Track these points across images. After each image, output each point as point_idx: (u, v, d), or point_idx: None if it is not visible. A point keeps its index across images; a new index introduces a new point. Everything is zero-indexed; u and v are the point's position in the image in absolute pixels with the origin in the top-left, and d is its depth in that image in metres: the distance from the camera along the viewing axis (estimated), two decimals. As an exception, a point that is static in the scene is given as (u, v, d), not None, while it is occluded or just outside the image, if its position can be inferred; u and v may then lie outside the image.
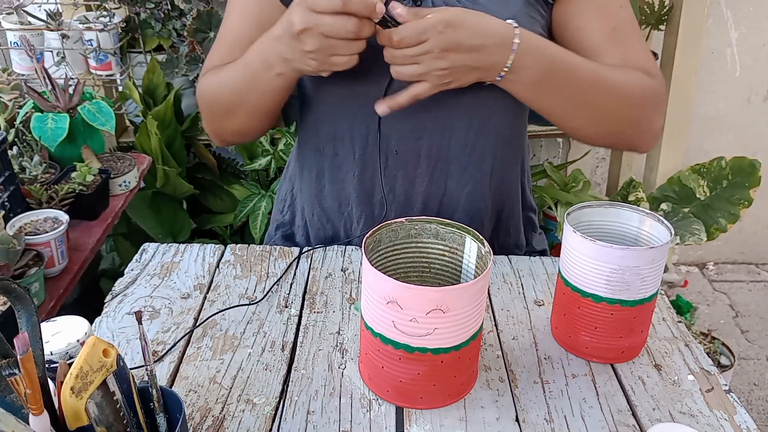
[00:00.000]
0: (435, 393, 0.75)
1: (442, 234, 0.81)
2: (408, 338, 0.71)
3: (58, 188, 1.42)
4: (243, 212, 1.94)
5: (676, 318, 0.92)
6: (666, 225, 0.81)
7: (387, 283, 0.69)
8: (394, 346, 0.72)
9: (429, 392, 0.75)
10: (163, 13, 1.90)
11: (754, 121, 2.56)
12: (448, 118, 0.98)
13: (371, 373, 0.77)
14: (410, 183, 1.02)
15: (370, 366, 0.77)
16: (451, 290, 0.68)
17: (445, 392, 0.76)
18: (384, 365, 0.74)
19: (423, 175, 1.02)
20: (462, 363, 0.74)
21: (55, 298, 1.24)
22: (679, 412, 0.76)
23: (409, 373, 0.73)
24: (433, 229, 0.81)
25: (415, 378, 0.73)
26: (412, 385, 0.74)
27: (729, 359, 2.00)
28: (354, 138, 1.02)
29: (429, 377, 0.73)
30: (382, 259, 0.81)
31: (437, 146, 1.00)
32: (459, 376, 0.75)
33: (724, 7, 2.36)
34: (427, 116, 0.98)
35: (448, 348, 0.72)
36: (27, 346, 0.52)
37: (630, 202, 1.92)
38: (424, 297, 0.68)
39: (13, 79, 1.75)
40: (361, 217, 1.06)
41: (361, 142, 1.01)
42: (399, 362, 0.73)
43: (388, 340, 0.72)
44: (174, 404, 0.62)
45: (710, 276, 2.75)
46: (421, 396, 0.75)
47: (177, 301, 0.94)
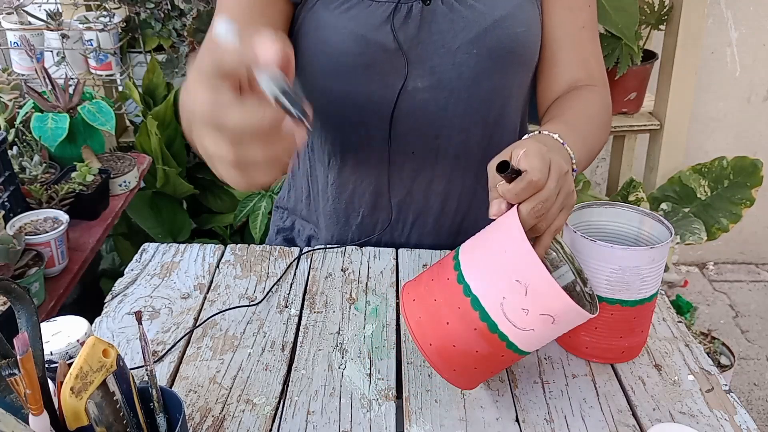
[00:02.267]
0: (469, 374, 0.72)
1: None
2: (503, 321, 0.67)
3: (58, 188, 1.42)
4: (243, 212, 1.94)
5: (676, 318, 0.92)
6: (666, 225, 0.81)
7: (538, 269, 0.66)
8: (481, 316, 0.68)
9: (466, 369, 0.71)
10: (163, 13, 1.90)
11: (754, 121, 2.56)
12: (465, 115, 0.98)
13: (428, 319, 0.71)
14: (428, 183, 1.02)
15: (431, 316, 0.71)
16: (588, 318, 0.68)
17: (470, 378, 0.73)
18: (451, 321, 0.69)
19: (442, 175, 1.02)
20: (501, 365, 0.72)
21: (55, 298, 1.24)
22: (679, 412, 0.76)
23: (469, 344, 0.69)
24: None
25: (468, 352, 0.70)
26: (460, 356, 0.70)
27: (729, 359, 2.00)
28: (370, 143, 1.00)
29: (482, 360, 0.70)
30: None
31: (455, 145, 1.00)
32: (488, 373, 0.74)
33: (724, 7, 2.36)
34: (444, 114, 0.97)
35: (521, 350, 0.70)
36: (27, 346, 0.52)
37: (630, 202, 1.92)
38: (556, 303, 0.66)
39: (13, 79, 1.75)
40: (378, 222, 1.06)
41: (377, 147, 1.00)
42: (472, 332, 0.69)
43: (480, 307, 0.68)
44: (174, 404, 0.62)
45: (710, 276, 2.75)
46: (455, 369, 0.72)
47: (177, 301, 0.94)
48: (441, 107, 0.97)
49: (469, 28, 0.93)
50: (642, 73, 1.97)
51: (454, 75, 0.95)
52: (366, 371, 0.82)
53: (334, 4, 0.93)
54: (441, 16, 0.93)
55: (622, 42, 1.85)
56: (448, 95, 0.96)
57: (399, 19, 0.92)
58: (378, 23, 0.92)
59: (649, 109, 2.07)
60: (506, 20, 0.93)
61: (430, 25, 0.93)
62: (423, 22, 0.93)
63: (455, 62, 0.94)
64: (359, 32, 0.91)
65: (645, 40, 1.98)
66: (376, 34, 0.92)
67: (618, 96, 1.98)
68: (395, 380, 0.80)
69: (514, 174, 0.68)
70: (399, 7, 0.92)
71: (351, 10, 0.92)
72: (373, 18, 0.92)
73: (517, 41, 0.95)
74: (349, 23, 0.92)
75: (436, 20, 0.93)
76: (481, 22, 0.93)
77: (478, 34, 0.93)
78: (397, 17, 0.92)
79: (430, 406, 0.77)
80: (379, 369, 0.82)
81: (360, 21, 0.92)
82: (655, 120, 2.02)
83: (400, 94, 0.95)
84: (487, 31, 0.93)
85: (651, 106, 2.07)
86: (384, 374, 0.81)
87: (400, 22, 0.92)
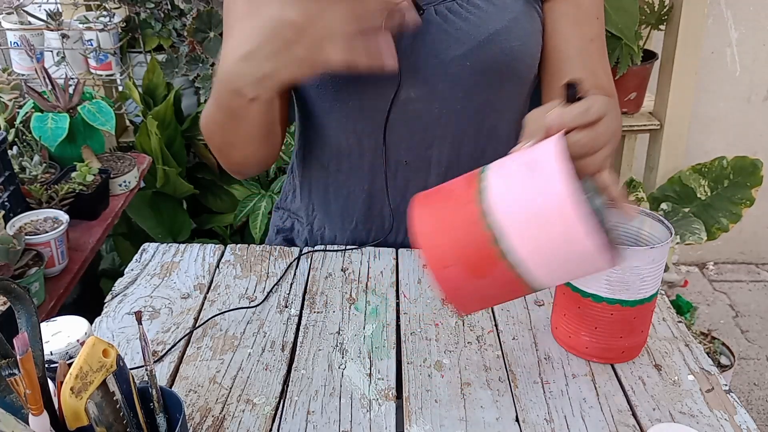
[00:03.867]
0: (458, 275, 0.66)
1: None
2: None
3: (58, 188, 1.42)
4: (243, 212, 1.94)
5: (676, 318, 0.92)
6: (666, 225, 0.81)
7: None
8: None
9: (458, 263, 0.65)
10: (163, 13, 1.90)
11: (754, 121, 2.56)
12: (458, 127, 0.97)
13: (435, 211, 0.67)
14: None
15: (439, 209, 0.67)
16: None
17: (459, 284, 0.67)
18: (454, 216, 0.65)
19: (434, 184, 1.01)
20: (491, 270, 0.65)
21: (55, 298, 1.24)
22: (679, 412, 0.76)
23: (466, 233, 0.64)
24: None
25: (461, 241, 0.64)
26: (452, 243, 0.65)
27: (729, 359, 2.00)
28: (362, 152, 1.00)
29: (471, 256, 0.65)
30: None
31: (447, 155, 0.99)
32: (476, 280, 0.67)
33: (724, 7, 2.36)
34: (437, 126, 0.97)
35: (513, 254, 0.63)
36: (27, 346, 0.52)
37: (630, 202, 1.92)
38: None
39: (13, 79, 1.75)
40: (372, 230, 1.06)
41: (370, 155, 1.00)
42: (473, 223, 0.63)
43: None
44: (174, 404, 0.62)
45: (710, 276, 2.75)
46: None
47: (177, 301, 0.94)
48: (433, 118, 0.96)
49: (463, 40, 0.92)
50: (642, 73, 1.97)
51: (447, 86, 0.94)
52: (366, 371, 0.82)
53: None
54: (435, 26, 0.92)
55: (622, 42, 1.85)
56: (440, 106, 0.96)
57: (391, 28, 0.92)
58: None
59: (649, 109, 2.07)
60: (501, 34, 0.92)
61: (422, 35, 0.92)
62: (416, 33, 0.92)
63: (448, 73, 0.94)
64: None
65: (645, 40, 1.98)
66: None
67: (618, 96, 1.98)
68: (395, 380, 0.80)
69: (576, 98, 0.65)
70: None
71: None
72: None
73: (512, 56, 0.94)
74: None
75: (430, 31, 0.92)
76: (475, 36, 0.92)
77: (472, 48, 0.92)
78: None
79: (430, 406, 0.77)
80: (379, 369, 0.82)
81: None
82: (655, 120, 2.02)
83: (392, 104, 0.95)
84: (481, 45, 0.92)
85: (651, 106, 2.07)
86: (384, 374, 0.81)
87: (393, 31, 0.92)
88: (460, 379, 0.81)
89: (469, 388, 0.79)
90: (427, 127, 0.97)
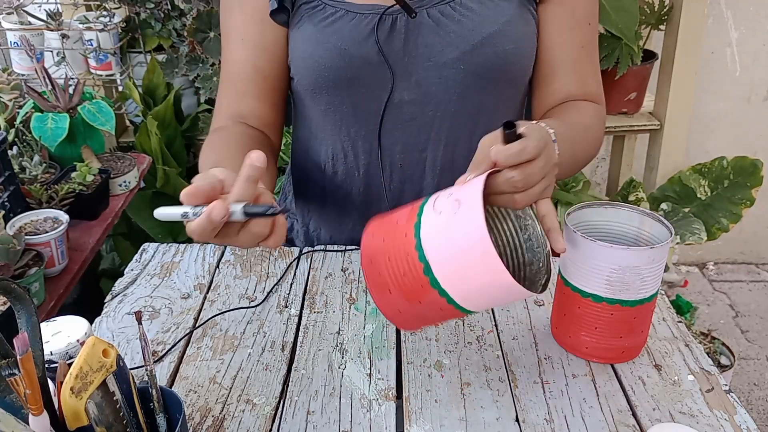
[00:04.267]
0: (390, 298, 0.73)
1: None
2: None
3: (58, 188, 1.42)
4: (243, 212, 1.93)
5: (676, 318, 0.92)
6: (666, 225, 0.81)
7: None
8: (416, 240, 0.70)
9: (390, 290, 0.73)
10: (163, 13, 1.90)
11: (754, 121, 2.55)
12: (452, 129, 0.98)
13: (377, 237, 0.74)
14: (416, 195, 1.02)
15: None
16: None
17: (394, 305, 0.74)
18: (388, 240, 0.72)
19: (429, 186, 1.01)
20: (420, 299, 0.72)
21: (55, 298, 1.24)
22: (679, 412, 0.76)
23: (398, 263, 0.71)
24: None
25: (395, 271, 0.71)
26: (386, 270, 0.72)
27: (729, 359, 2.00)
28: (357, 155, 1.00)
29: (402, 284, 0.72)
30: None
31: (442, 157, 0.99)
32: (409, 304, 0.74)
33: (724, 7, 2.36)
34: (431, 128, 0.97)
35: (438, 282, 0.70)
36: (27, 347, 0.52)
37: (630, 202, 1.92)
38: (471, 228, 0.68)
39: (13, 79, 1.75)
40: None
41: (365, 158, 1.00)
42: (403, 253, 0.70)
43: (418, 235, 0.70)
44: (174, 404, 0.62)
45: (710, 276, 2.75)
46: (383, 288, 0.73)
47: (177, 301, 0.94)
48: (427, 120, 0.96)
49: (457, 43, 0.92)
50: (642, 73, 1.97)
51: (441, 89, 0.94)
52: (366, 371, 0.82)
53: (319, 18, 0.93)
54: (428, 29, 0.92)
55: (622, 42, 1.85)
56: (434, 109, 0.96)
57: (384, 31, 0.92)
58: (362, 36, 0.91)
59: (649, 109, 2.07)
60: (495, 37, 0.92)
61: (416, 38, 0.92)
62: (409, 35, 0.92)
63: (442, 77, 0.94)
64: (342, 46, 0.91)
65: (645, 40, 1.98)
66: (359, 48, 0.92)
67: (618, 96, 1.98)
68: (395, 380, 0.80)
69: (515, 138, 0.70)
70: (384, 19, 0.91)
71: (335, 24, 0.92)
72: (357, 31, 0.92)
73: (505, 59, 0.94)
74: (332, 37, 0.92)
75: (423, 33, 0.92)
76: (469, 39, 0.92)
77: (466, 51, 0.92)
78: (381, 30, 0.91)
79: (430, 406, 0.77)
80: (379, 369, 0.82)
81: (343, 35, 0.92)
82: (655, 120, 2.02)
83: (386, 107, 0.95)
84: (474, 48, 0.92)
85: (651, 106, 2.07)
86: (384, 374, 0.81)
87: (385, 34, 0.92)
88: (460, 379, 0.81)
89: (469, 388, 0.79)
90: (421, 129, 0.97)
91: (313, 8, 0.93)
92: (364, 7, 0.92)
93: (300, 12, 0.94)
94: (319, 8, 0.93)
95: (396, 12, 0.91)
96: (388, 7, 0.91)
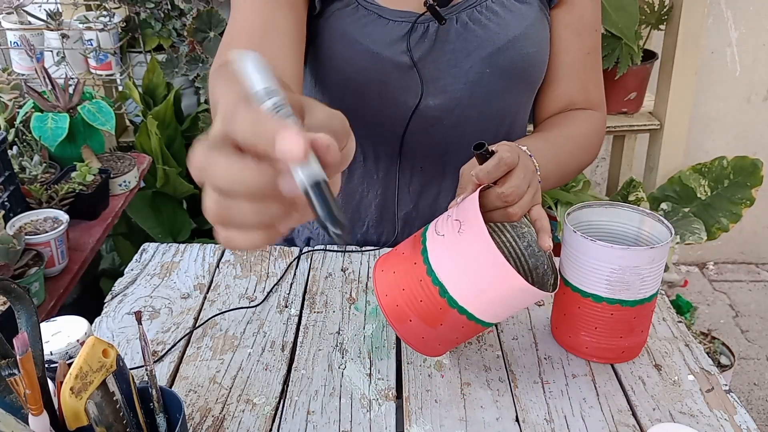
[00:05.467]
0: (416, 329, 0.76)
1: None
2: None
3: (58, 188, 1.42)
4: (243, 212, 1.93)
5: (676, 318, 0.92)
6: (666, 225, 0.81)
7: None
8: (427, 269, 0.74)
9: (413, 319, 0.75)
10: (163, 12, 1.90)
11: (754, 121, 2.55)
12: (475, 132, 0.97)
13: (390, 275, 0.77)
14: (434, 198, 1.02)
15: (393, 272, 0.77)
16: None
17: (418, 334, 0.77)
18: (405, 281, 0.75)
19: (448, 189, 1.01)
20: (441, 320, 0.75)
21: (55, 298, 1.24)
22: (679, 412, 0.76)
23: (414, 291, 0.74)
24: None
25: (413, 299, 0.74)
26: (406, 302, 0.75)
27: (729, 359, 2.00)
28: (378, 158, 1.00)
29: (424, 312, 0.75)
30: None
31: (463, 159, 0.99)
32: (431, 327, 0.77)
33: (724, 7, 2.36)
34: (454, 132, 0.97)
35: (457, 302, 0.73)
36: (26, 347, 0.52)
37: (630, 202, 1.92)
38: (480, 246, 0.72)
39: (13, 79, 1.75)
40: (383, 233, 1.06)
41: (385, 162, 1.00)
42: (417, 282, 0.74)
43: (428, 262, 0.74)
44: (174, 404, 0.62)
45: (710, 276, 2.75)
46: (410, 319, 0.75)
47: (177, 301, 0.94)
48: (452, 125, 0.97)
49: (482, 47, 0.92)
50: (642, 73, 1.97)
51: (466, 94, 0.95)
52: (366, 371, 0.82)
53: (351, 18, 0.91)
54: (455, 35, 0.92)
55: (622, 42, 1.85)
56: (459, 114, 0.96)
57: (415, 38, 0.91)
58: (393, 41, 0.91)
59: (649, 109, 2.07)
60: (519, 40, 0.93)
61: (443, 44, 0.92)
62: (437, 41, 0.92)
63: (467, 81, 0.94)
64: (374, 49, 0.91)
65: (645, 40, 1.98)
66: (390, 52, 0.91)
67: (618, 96, 1.98)
68: (395, 380, 0.80)
69: (488, 155, 0.74)
70: (416, 27, 0.91)
71: (367, 27, 0.91)
72: (389, 36, 0.91)
73: (528, 61, 0.95)
74: (364, 39, 0.91)
75: (450, 39, 0.92)
76: (494, 42, 0.92)
77: (491, 54, 0.92)
78: (413, 36, 0.91)
79: (430, 406, 0.77)
80: (379, 369, 0.82)
81: (375, 38, 0.91)
82: (655, 120, 2.02)
83: (413, 114, 0.95)
84: (500, 51, 0.92)
85: (651, 106, 2.07)
86: (384, 374, 0.81)
87: (416, 41, 0.91)
88: (460, 379, 0.81)
89: (469, 388, 0.79)
90: (444, 133, 0.97)
91: (345, 6, 0.92)
92: (397, 13, 0.91)
93: (332, 8, 0.92)
94: (351, 7, 0.92)
95: (427, 20, 0.91)
96: (420, 15, 0.91)
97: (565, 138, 0.96)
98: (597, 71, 1.02)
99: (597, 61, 1.02)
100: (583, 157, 0.99)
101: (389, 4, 0.92)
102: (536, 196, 0.79)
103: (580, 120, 0.99)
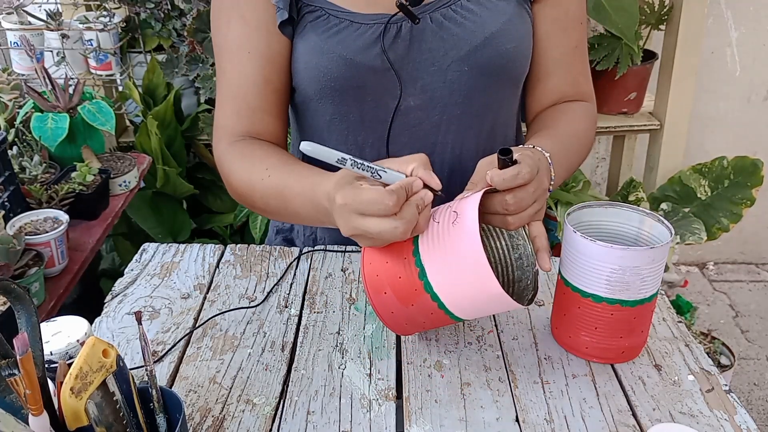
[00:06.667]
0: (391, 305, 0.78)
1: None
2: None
3: (58, 188, 1.42)
4: (243, 212, 1.93)
5: (676, 318, 0.92)
6: (666, 225, 0.81)
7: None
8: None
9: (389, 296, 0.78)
10: (163, 13, 1.90)
11: (755, 121, 2.55)
12: (458, 131, 0.98)
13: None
14: None
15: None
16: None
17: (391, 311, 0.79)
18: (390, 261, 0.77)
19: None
20: (415, 300, 0.77)
21: (55, 298, 1.24)
22: (679, 412, 0.76)
23: (395, 268, 0.76)
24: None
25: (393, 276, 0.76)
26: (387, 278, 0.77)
27: (729, 359, 2.00)
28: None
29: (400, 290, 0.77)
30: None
31: (450, 159, 1.00)
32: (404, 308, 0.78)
33: (724, 7, 2.36)
34: (438, 132, 0.98)
35: (432, 287, 0.75)
36: (26, 347, 0.52)
37: (630, 202, 1.92)
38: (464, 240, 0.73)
39: (13, 79, 1.75)
40: None
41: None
42: (402, 260, 0.76)
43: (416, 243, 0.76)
44: (174, 404, 0.62)
45: (710, 276, 2.75)
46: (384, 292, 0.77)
47: (177, 301, 0.94)
48: (434, 124, 0.97)
49: (460, 45, 0.93)
50: (642, 73, 1.97)
51: (446, 92, 0.95)
52: (366, 371, 0.82)
53: (323, 28, 0.92)
54: (430, 34, 0.93)
55: (622, 42, 1.85)
56: (440, 112, 0.96)
57: (388, 39, 0.92)
58: (367, 45, 0.91)
59: (649, 109, 2.07)
60: (496, 37, 0.93)
61: (419, 43, 0.93)
62: (413, 41, 0.92)
63: (447, 80, 0.94)
64: (347, 56, 0.91)
65: (645, 40, 1.98)
66: (364, 57, 0.91)
67: (618, 96, 1.98)
68: (395, 380, 0.80)
69: (510, 163, 0.76)
70: (388, 28, 0.91)
71: (339, 34, 0.92)
72: (362, 40, 0.91)
73: (507, 57, 0.95)
74: (337, 47, 0.91)
75: (426, 38, 0.93)
76: (471, 40, 0.92)
77: (469, 52, 0.93)
78: (386, 38, 0.91)
79: (430, 406, 0.77)
80: (379, 369, 0.82)
81: (348, 44, 0.91)
82: (655, 120, 2.02)
83: (394, 114, 0.95)
84: (477, 49, 0.93)
85: (651, 106, 2.07)
86: (384, 374, 0.81)
87: (390, 42, 0.92)
88: (460, 379, 0.81)
89: (469, 388, 0.79)
90: (428, 133, 0.97)
91: (316, 18, 0.93)
92: (368, 17, 0.92)
93: (303, 22, 0.94)
94: (322, 18, 0.93)
95: (400, 20, 0.92)
96: (391, 16, 0.91)
97: (573, 137, 0.97)
98: (585, 63, 1.04)
99: (584, 53, 1.03)
100: (584, 153, 1.01)
101: (360, 9, 0.92)
102: (539, 212, 0.80)
103: (579, 115, 1.00)
